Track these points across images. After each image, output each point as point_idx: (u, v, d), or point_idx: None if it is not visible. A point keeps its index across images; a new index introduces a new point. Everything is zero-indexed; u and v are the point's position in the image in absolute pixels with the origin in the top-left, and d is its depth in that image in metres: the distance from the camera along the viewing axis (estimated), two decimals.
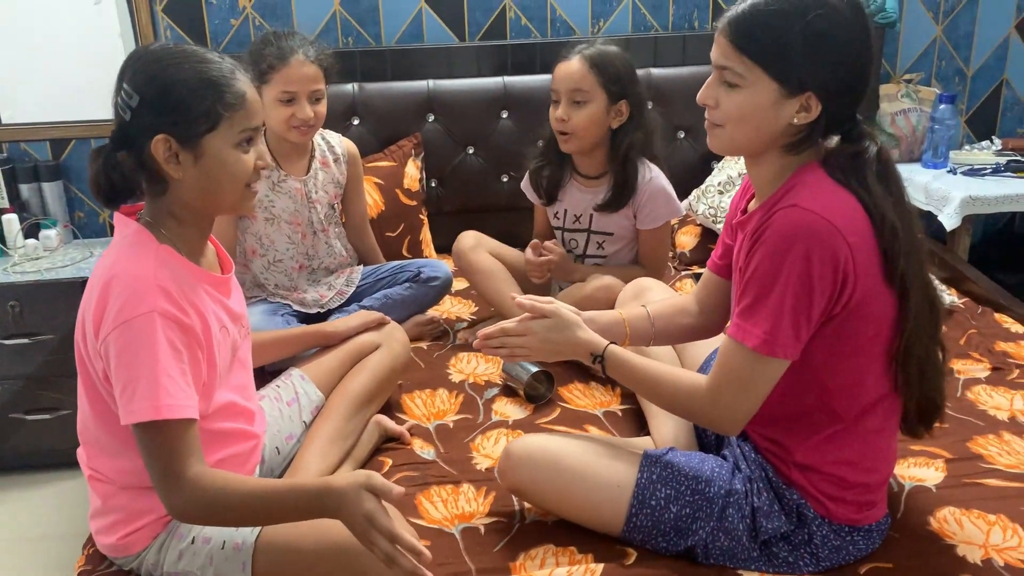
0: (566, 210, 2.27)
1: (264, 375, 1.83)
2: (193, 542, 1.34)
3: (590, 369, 1.97)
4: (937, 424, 1.43)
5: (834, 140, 1.35)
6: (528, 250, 2.21)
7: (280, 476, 1.62)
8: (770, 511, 1.40)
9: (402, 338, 1.92)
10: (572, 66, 2.09)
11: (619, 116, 2.13)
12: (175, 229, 1.33)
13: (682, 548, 1.42)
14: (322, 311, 2.19)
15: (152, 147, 1.25)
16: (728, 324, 1.39)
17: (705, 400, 1.37)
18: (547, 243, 2.19)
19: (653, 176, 2.15)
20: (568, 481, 1.45)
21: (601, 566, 1.38)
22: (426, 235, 2.69)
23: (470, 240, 2.31)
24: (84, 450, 1.40)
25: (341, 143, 2.29)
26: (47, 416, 2.48)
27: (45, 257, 2.60)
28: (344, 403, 1.71)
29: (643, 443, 1.71)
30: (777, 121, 1.30)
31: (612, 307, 1.94)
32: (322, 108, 2.09)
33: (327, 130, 2.27)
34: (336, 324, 1.90)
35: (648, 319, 1.63)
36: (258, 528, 1.32)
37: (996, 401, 1.90)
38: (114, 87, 1.28)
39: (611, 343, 1.48)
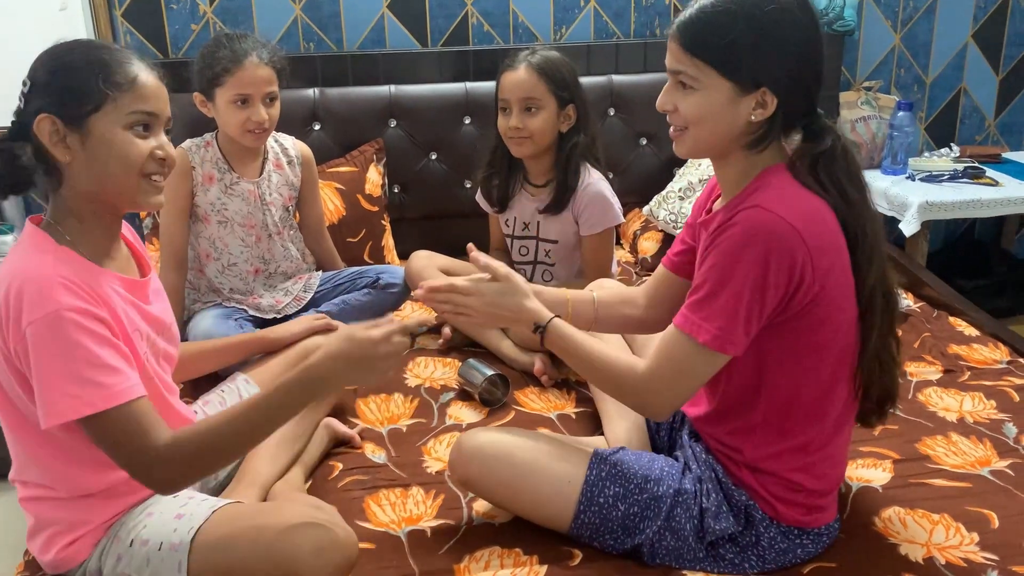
0: (515, 217, 2.28)
1: (217, 379, 1.82)
2: (131, 544, 1.32)
3: (539, 379, 1.99)
4: (890, 410, 1.44)
5: (797, 137, 1.36)
6: None
7: (227, 482, 1.61)
8: (718, 512, 1.40)
9: None
10: (520, 75, 2.10)
11: (567, 120, 2.14)
12: (77, 229, 1.30)
13: (629, 547, 1.42)
14: (278, 316, 2.18)
15: (36, 127, 1.23)
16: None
17: (640, 382, 1.37)
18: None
19: (592, 181, 2.17)
20: (518, 475, 1.45)
21: (545, 568, 1.38)
22: (388, 241, 2.69)
23: (421, 260, 2.32)
24: (14, 466, 1.36)
25: (295, 145, 2.28)
26: None
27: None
28: None
29: (596, 442, 1.71)
30: (735, 120, 1.31)
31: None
32: (276, 110, 2.08)
33: (280, 133, 2.26)
34: (277, 330, 1.88)
35: (593, 304, 1.62)
36: (195, 528, 1.30)
37: (946, 403, 1.92)
38: None
39: (556, 316, 1.47)
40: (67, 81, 1.25)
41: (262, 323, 2.15)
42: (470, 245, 1.57)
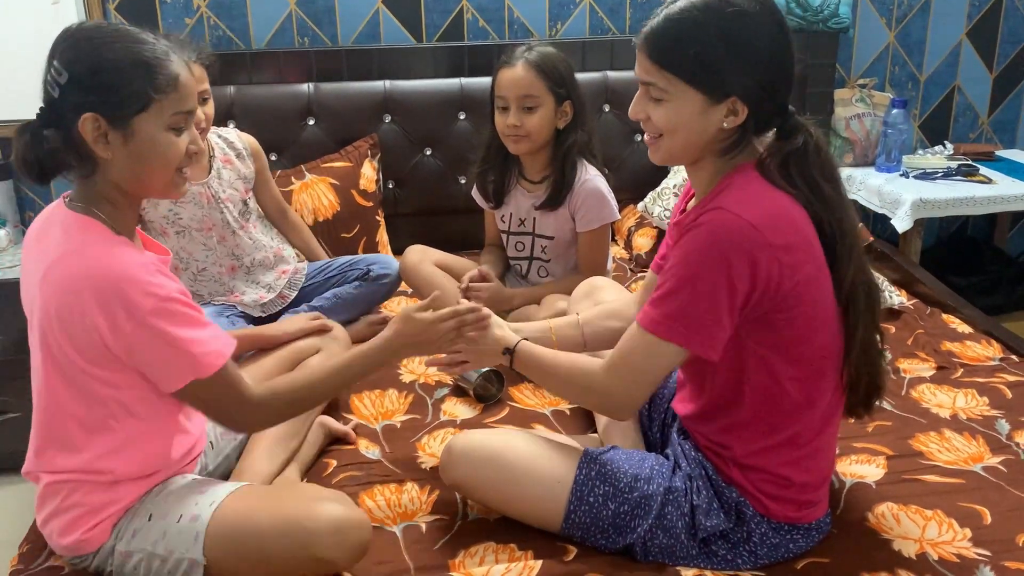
0: (511, 213, 2.28)
1: None
2: (150, 519, 1.34)
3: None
4: (877, 402, 1.44)
5: (770, 135, 1.36)
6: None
7: (224, 476, 1.61)
8: (709, 509, 1.40)
9: (343, 339, 1.90)
10: (518, 72, 2.09)
11: (564, 117, 2.14)
12: (112, 214, 1.32)
13: (620, 545, 1.42)
14: (264, 315, 2.16)
15: (80, 125, 1.24)
16: None
17: (598, 380, 1.39)
18: (474, 283, 2.17)
19: (589, 178, 2.17)
20: (508, 476, 1.45)
21: (540, 563, 1.38)
22: (383, 236, 2.68)
23: (415, 255, 2.32)
24: (41, 452, 1.36)
25: (240, 138, 2.23)
26: None
27: None
28: None
29: (589, 440, 1.71)
30: (707, 128, 1.32)
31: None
32: (210, 109, 2.03)
33: (221, 127, 2.21)
34: (274, 327, 1.87)
35: (579, 326, 1.64)
36: (216, 501, 1.33)
37: (939, 399, 1.93)
38: (45, 64, 1.26)
39: (523, 339, 1.49)
40: (111, 80, 1.24)
41: (254, 320, 2.14)
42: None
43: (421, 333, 1.48)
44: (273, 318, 2.15)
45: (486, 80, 2.25)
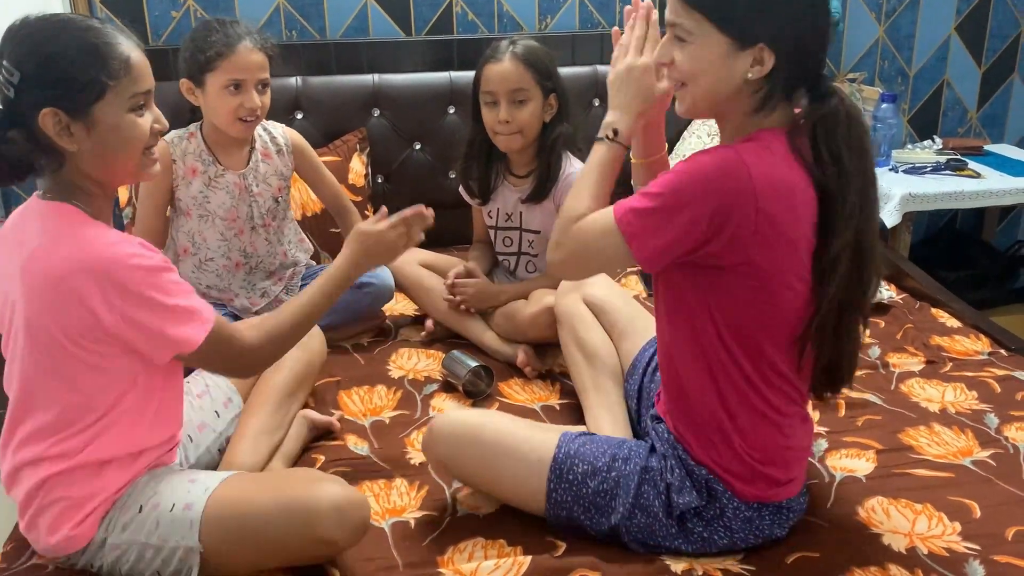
0: (498, 209, 2.27)
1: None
2: (140, 511, 1.33)
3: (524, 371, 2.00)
4: (842, 387, 1.42)
5: (804, 101, 1.32)
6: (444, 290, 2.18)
7: (204, 466, 1.60)
8: (682, 487, 1.41)
9: (317, 334, 1.86)
10: (507, 67, 2.08)
11: (550, 110, 2.13)
12: (87, 202, 1.31)
13: (606, 528, 1.42)
14: None
15: (40, 121, 1.23)
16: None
17: (564, 233, 1.37)
18: (459, 279, 2.16)
19: (574, 170, 2.15)
20: (489, 454, 1.47)
21: (529, 558, 1.38)
22: None
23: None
24: (22, 447, 1.33)
25: (284, 134, 2.20)
26: None
27: None
28: (267, 397, 1.68)
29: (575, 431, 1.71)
30: (732, 76, 1.28)
31: (554, 329, 1.92)
32: (267, 98, 2.01)
33: (269, 121, 2.18)
34: None
35: None
36: (210, 488, 1.33)
37: (928, 393, 1.93)
38: None
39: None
40: (63, 72, 1.23)
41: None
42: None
43: (377, 243, 1.56)
44: None
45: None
